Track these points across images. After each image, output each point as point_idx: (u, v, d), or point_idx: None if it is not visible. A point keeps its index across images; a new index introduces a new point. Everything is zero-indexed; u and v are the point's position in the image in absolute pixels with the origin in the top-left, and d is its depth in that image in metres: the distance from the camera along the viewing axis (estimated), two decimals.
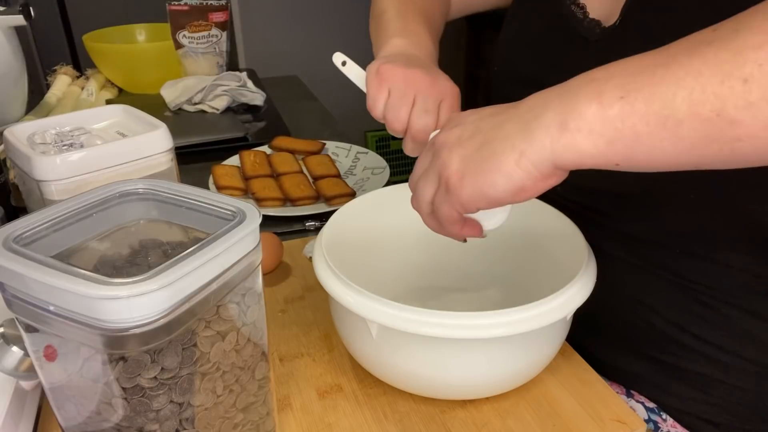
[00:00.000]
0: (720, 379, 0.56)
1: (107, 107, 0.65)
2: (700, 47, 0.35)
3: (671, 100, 0.34)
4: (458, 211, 0.44)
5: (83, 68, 1.35)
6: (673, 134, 0.35)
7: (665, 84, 0.35)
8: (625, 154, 0.37)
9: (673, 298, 0.57)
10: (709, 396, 0.57)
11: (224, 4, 1.29)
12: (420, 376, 0.50)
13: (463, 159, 0.41)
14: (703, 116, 0.34)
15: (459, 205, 0.43)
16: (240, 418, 0.43)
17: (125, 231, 0.43)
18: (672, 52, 0.36)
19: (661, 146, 0.35)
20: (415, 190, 0.47)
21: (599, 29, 0.57)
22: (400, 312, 0.45)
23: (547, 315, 0.45)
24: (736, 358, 0.55)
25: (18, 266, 0.33)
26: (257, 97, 1.22)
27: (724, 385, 0.56)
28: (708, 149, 0.35)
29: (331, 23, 2.54)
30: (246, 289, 0.40)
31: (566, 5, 0.59)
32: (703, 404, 0.57)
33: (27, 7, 0.98)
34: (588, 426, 0.50)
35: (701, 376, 0.57)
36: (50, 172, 0.53)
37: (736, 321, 0.55)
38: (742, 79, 0.33)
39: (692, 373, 0.57)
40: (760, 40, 0.33)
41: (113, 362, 0.34)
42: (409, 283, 0.66)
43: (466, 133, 0.42)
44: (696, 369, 0.57)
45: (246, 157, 0.96)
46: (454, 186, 0.42)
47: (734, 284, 0.54)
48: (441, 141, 0.44)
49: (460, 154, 0.42)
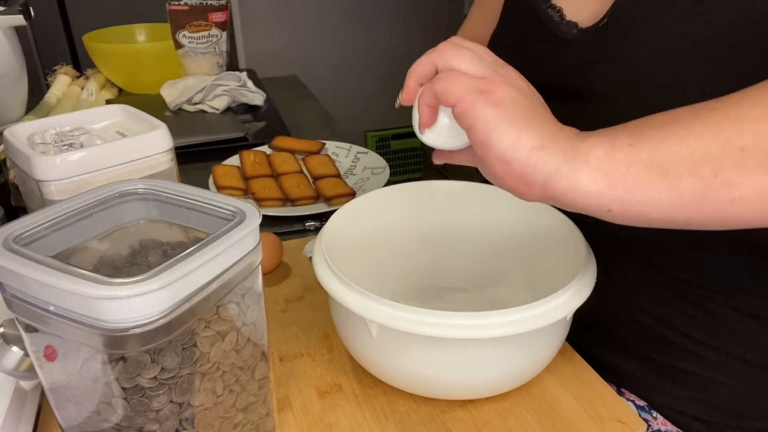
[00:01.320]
0: (709, 377, 0.57)
1: (107, 107, 0.65)
2: (703, 112, 0.37)
3: (674, 155, 0.36)
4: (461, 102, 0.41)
5: (83, 68, 1.35)
6: (672, 188, 0.36)
7: (670, 140, 0.36)
8: (622, 200, 0.38)
9: (662, 296, 0.57)
10: (699, 394, 0.57)
11: (224, 4, 1.29)
12: (420, 376, 0.50)
13: (510, 99, 0.41)
14: (703, 176, 0.36)
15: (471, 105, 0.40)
16: (240, 418, 0.43)
17: (125, 231, 0.43)
18: (676, 113, 0.38)
19: (658, 198, 0.37)
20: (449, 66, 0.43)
21: (576, 30, 0.57)
22: (400, 312, 0.45)
23: (547, 315, 0.46)
24: (724, 356, 0.56)
25: (18, 266, 0.33)
26: (257, 97, 1.22)
27: (713, 382, 0.57)
28: (702, 208, 0.36)
29: (331, 23, 2.54)
30: (246, 289, 0.40)
31: (542, 9, 0.61)
32: (694, 402, 0.58)
33: (27, 7, 0.97)
34: (588, 426, 0.50)
35: (691, 374, 0.57)
36: (50, 172, 0.53)
37: (724, 319, 0.55)
38: (739, 147, 0.35)
39: (682, 371, 0.58)
40: (759, 115, 0.35)
41: (113, 362, 0.34)
42: (410, 283, 0.66)
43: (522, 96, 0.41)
44: (685, 367, 0.57)
45: (246, 157, 0.96)
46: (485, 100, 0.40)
47: (722, 282, 0.54)
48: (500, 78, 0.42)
49: (511, 94, 0.41)
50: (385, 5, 2.58)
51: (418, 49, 0.68)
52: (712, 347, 0.56)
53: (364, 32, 2.60)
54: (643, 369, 0.60)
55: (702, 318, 0.56)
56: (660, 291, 0.57)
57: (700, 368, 0.57)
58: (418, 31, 2.61)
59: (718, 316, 0.55)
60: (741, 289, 0.54)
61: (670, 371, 0.58)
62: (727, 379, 0.56)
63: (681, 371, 0.58)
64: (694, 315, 0.56)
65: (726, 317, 0.55)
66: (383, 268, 0.65)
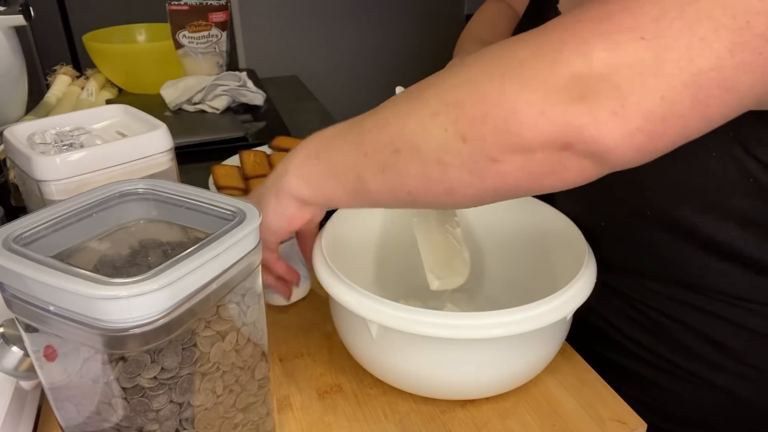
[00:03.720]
0: (654, 381, 0.58)
1: (107, 107, 0.65)
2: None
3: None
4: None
5: (83, 68, 1.35)
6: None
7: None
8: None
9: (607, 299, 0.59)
10: (647, 397, 0.58)
11: (224, 4, 1.29)
12: (420, 376, 0.50)
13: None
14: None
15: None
16: (240, 418, 0.43)
17: (125, 231, 0.43)
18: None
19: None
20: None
21: None
22: (400, 312, 0.45)
23: (547, 315, 0.46)
24: (667, 363, 0.57)
25: (18, 266, 0.33)
26: (257, 97, 1.22)
27: (658, 387, 0.58)
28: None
29: (331, 23, 2.54)
30: (246, 289, 0.40)
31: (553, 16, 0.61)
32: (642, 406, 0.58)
33: (27, 7, 0.97)
34: (588, 426, 0.50)
35: (639, 376, 0.59)
36: (50, 172, 0.53)
37: (658, 323, 0.57)
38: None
39: (631, 371, 0.59)
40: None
41: (113, 362, 0.34)
42: (410, 283, 0.66)
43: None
44: (635, 369, 0.59)
45: (246, 157, 0.96)
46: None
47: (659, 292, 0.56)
48: None
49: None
50: (385, 5, 2.58)
51: (418, 49, 0.68)
52: (654, 353, 0.58)
53: (364, 32, 2.60)
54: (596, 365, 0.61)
55: (644, 324, 0.58)
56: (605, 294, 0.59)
57: (648, 372, 0.58)
58: (418, 31, 2.61)
59: (659, 323, 0.57)
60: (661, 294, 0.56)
61: (619, 371, 0.60)
62: (670, 385, 0.57)
63: (630, 371, 0.59)
64: (638, 320, 0.58)
65: (663, 324, 0.57)
66: (383, 268, 0.65)
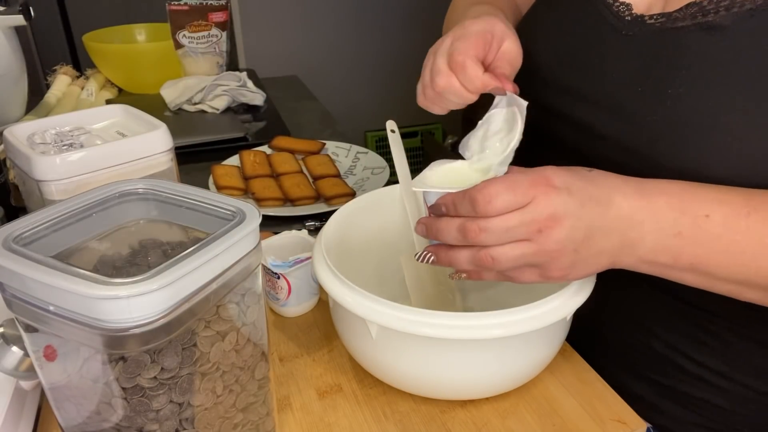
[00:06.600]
0: (719, 405, 0.55)
1: (107, 107, 0.65)
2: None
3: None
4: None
5: (83, 68, 1.35)
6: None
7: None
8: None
9: (674, 322, 0.56)
10: (708, 420, 0.56)
11: (224, 4, 1.29)
12: (420, 376, 0.50)
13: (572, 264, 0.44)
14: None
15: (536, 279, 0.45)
16: (240, 418, 0.43)
17: (125, 231, 0.43)
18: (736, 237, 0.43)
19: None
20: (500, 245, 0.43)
21: (629, 16, 0.52)
22: (400, 312, 0.45)
23: (547, 315, 0.46)
24: (736, 384, 0.54)
25: (18, 266, 0.33)
26: (257, 97, 1.22)
27: (723, 410, 0.55)
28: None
29: (331, 23, 2.54)
30: (246, 290, 0.40)
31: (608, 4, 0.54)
32: (702, 428, 0.57)
33: (27, 7, 0.97)
34: (588, 426, 0.50)
35: (700, 401, 0.56)
36: (50, 172, 0.53)
37: (737, 347, 0.53)
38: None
39: (692, 397, 0.56)
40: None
41: (113, 362, 0.34)
42: None
43: (578, 236, 0.43)
44: (695, 393, 0.56)
45: (246, 157, 0.96)
46: (550, 276, 0.45)
47: (735, 310, 0.51)
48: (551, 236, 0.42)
49: (571, 259, 0.44)
50: (385, 5, 2.58)
51: (419, 48, 0.68)
52: (723, 375, 0.54)
53: (364, 32, 2.60)
54: (651, 392, 0.58)
55: (713, 345, 0.54)
56: (672, 317, 0.56)
57: (711, 395, 0.55)
58: (418, 31, 2.61)
59: (730, 344, 0.54)
60: (753, 319, 0.52)
61: (678, 396, 0.57)
62: (738, 408, 0.55)
63: (691, 397, 0.56)
64: (706, 342, 0.54)
65: (738, 345, 0.53)
66: (383, 268, 0.64)
